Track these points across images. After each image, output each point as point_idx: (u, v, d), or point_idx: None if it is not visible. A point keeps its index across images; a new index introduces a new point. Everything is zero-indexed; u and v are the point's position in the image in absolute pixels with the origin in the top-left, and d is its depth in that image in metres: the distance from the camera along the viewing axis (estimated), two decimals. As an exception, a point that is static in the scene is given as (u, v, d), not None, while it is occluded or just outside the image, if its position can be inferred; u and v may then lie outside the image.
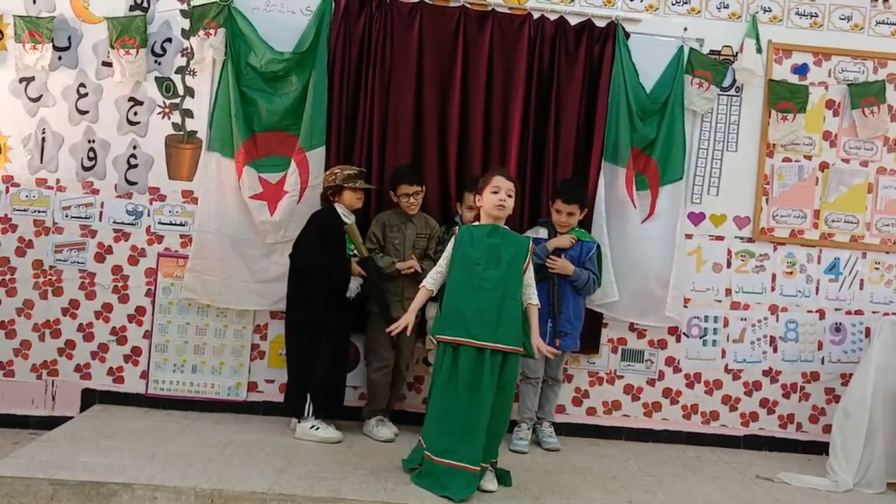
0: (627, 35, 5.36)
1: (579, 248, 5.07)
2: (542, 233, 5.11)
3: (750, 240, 5.56)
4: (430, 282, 4.36)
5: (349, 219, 4.95)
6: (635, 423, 5.55)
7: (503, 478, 4.34)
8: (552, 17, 5.35)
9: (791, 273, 5.59)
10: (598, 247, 5.13)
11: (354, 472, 4.32)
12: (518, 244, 4.30)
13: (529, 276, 4.29)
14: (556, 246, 5.03)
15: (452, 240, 4.33)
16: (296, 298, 4.95)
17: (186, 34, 5.28)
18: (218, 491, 3.94)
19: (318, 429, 4.85)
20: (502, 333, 4.14)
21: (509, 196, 4.27)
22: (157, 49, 5.31)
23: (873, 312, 5.58)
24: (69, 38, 5.28)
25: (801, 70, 5.57)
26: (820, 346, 5.60)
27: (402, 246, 5.02)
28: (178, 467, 4.20)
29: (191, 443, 4.66)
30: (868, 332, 5.51)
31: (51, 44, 5.19)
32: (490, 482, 4.22)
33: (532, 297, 4.27)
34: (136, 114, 5.32)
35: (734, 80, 5.52)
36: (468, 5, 5.32)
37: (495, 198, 4.25)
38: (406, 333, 4.40)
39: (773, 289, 5.58)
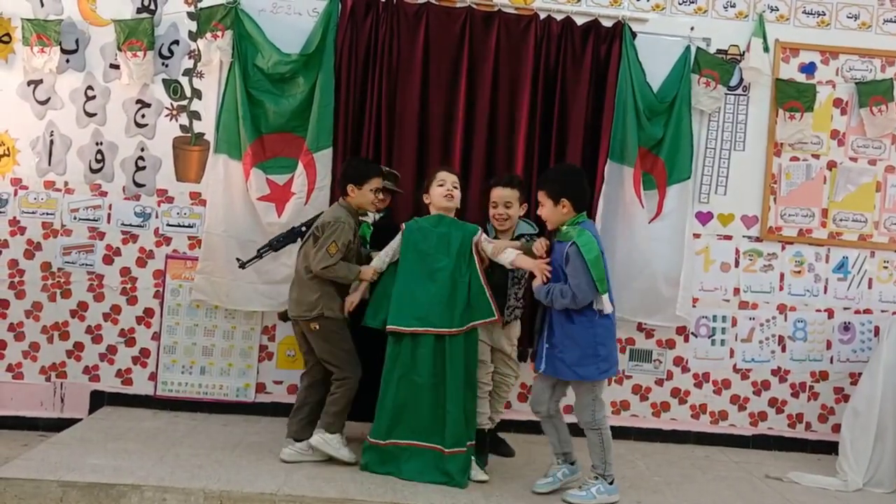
0: (634, 35, 5.35)
1: (560, 250, 4.18)
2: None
3: (758, 239, 5.55)
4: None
5: (366, 217, 4.86)
6: (644, 423, 5.54)
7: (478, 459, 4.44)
8: (558, 17, 5.35)
9: (799, 272, 5.58)
10: (576, 245, 4.07)
11: (363, 472, 4.32)
12: (465, 231, 4.42)
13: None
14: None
15: (399, 234, 4.46)
16: None
17: (194, 36, 5.29)
18: (227, 492, 3.96)
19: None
20: (458, 317, 4.30)
21: (455, 188, 4.46)
22: (165, 51, 5.33)
23: (882, 311, 5.56)
24: (77, 41, 5.30)
25: (808, 69, 5.55)
26: (829, 346, 5.58)
27: None
28: (187, 469, 4.22)
29: (199, 444, 4.67)
30: (877, 331, 5.49)
31: (58, 46, 5.22)
32: (480, 473, 4.36)
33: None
34: (143, 116, 5.34)
35: (741, 80, 5.51)
36: (474, 6, 5.32)
37: (442, 189, 4.45)
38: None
39: (781, 288, 5.57)
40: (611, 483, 4.24)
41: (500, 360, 4.68)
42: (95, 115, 5.32)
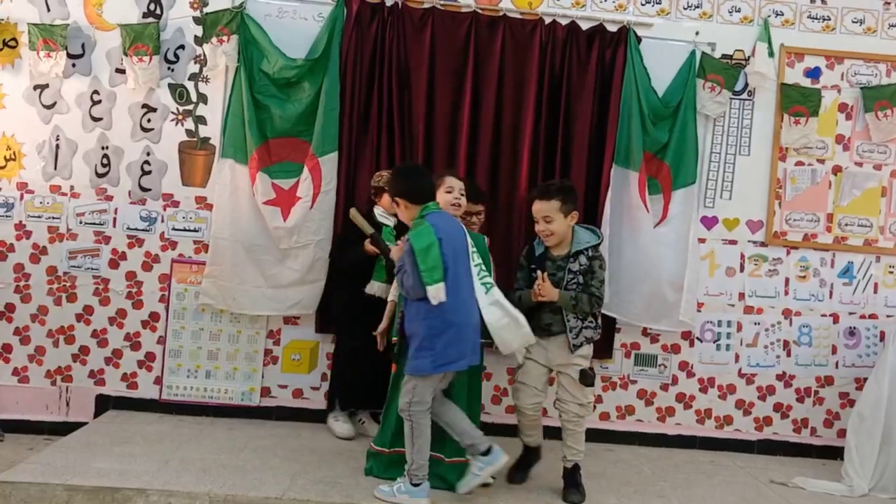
0: (639, 39, 5.36)
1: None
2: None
3: (763, 244, 5.54)
4: (396, 293, 4.40)
5: (388, 220, 4.92)
6: (649, 427, 5.54)
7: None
8: (563, 21, 5.35)
9: (804, 277, 5.57)
10: (409, 240, 4.01)
11: (368, 477, 4.32)
12: (475, 241, 4.27)
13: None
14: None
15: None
16: (332, 297, 5.22)
17: (199, 41, 5.30)
18: (232, 496, 3.96)
19: (337, 420, 5.12)
20: None
21: (462, 195, 4.38)
22: (171, 56, 5.34)
23: (888, 316, 5.55)
24: (83, 46, 5.31)
25: (813, 73, 5.55)
26: (834, 351, 5.57)
27: None
28: (192, 473, 4.22)
29: (205, 448, 4.67)
30: (882, 336, 5.48)
31: (65, 51, 5.22)
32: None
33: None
34: (149, 120, 5.35)
35: (746, 84, 5.51)
36: (479, 10, 5.33)
37: (450, 197, 4.33)
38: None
39: (786, 293, 5.56)
40: (415, 485, 3.98)
41: (559, 385, 4.38)
42: (101, 119, 5.34)
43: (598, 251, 4.38)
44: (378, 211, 4.96)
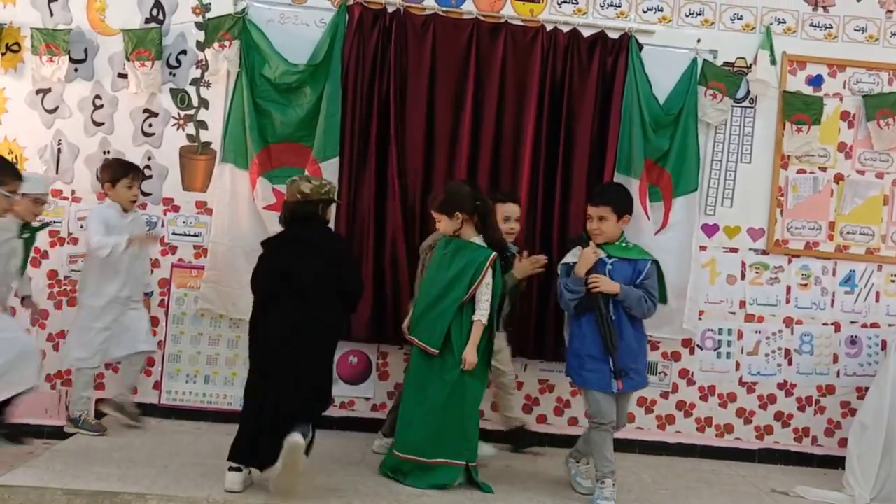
0: (641, 47, 5.36)
1: (632, 267, 4.40)
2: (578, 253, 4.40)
3: (764, 252, 5.53)
4: (483, 314, 4.33)
5: None
6: (649, 435, 5.51)
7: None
8: (565, 29, 5.35)
9: (806, 285, 5.55)
10: (656, 263, 4.48)
11: (366, 482, 4.32)
12: (472, 255, 4.36)
13: (481, 291, 4.30)
14: (585, 267, 4.29)
15: (489, 268, 4.32)
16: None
17: (201, 46, 5.31)
18: (231, 501, 3.95)
19: None
20: (423, 331, 4.41)
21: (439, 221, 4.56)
22: (172, 61, 5.35)
23: (889, 325, 5.53)
24: (85, 51, 5.33)
25: (815, 81, 5.54)
26: (835, 359, 5.55)
27: None
28: (191, 477, 4.22)
29: (204, 453, 4.66)
30: (884, 345, 5.45)
31: (67, 56, 5.24)
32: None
33: (479, 311, 4.30)
34: (150, 125, 5.36)
35: (748, 92, 5.50)
36: (481, 17, 5.33)
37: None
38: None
39: (787, 301, 5.54)
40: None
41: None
42: (103, 123, 5.35)
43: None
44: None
